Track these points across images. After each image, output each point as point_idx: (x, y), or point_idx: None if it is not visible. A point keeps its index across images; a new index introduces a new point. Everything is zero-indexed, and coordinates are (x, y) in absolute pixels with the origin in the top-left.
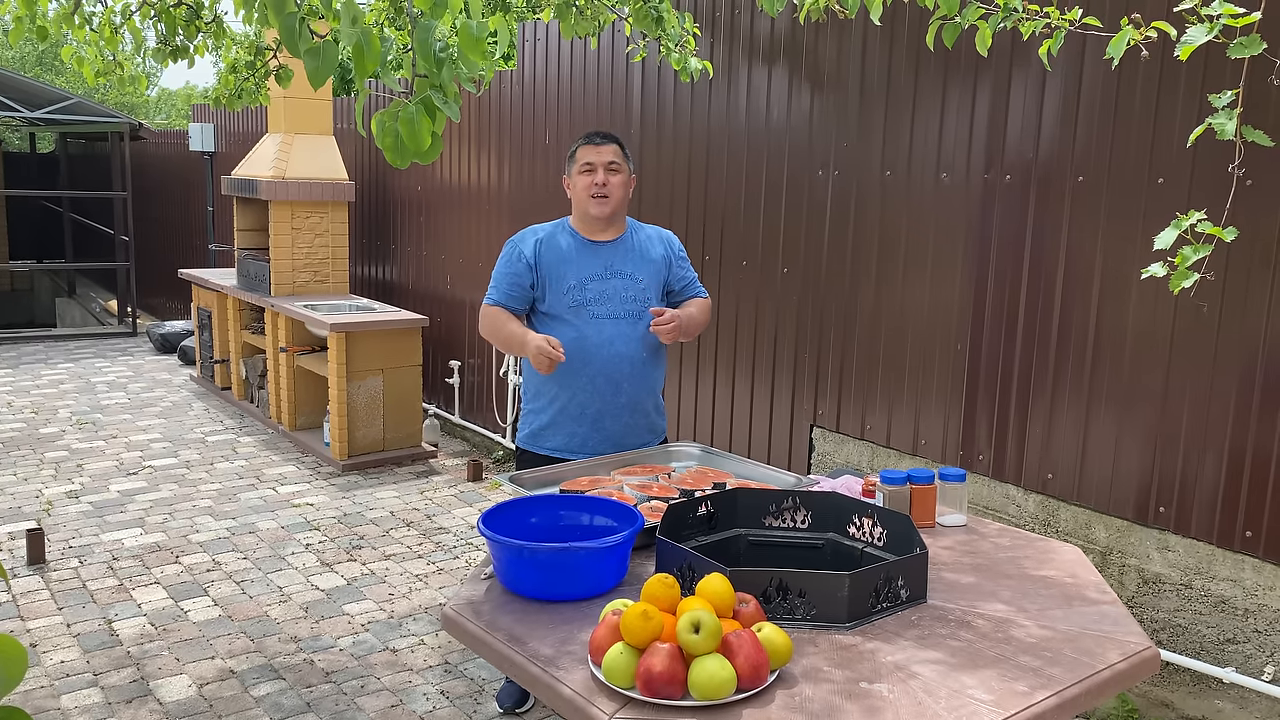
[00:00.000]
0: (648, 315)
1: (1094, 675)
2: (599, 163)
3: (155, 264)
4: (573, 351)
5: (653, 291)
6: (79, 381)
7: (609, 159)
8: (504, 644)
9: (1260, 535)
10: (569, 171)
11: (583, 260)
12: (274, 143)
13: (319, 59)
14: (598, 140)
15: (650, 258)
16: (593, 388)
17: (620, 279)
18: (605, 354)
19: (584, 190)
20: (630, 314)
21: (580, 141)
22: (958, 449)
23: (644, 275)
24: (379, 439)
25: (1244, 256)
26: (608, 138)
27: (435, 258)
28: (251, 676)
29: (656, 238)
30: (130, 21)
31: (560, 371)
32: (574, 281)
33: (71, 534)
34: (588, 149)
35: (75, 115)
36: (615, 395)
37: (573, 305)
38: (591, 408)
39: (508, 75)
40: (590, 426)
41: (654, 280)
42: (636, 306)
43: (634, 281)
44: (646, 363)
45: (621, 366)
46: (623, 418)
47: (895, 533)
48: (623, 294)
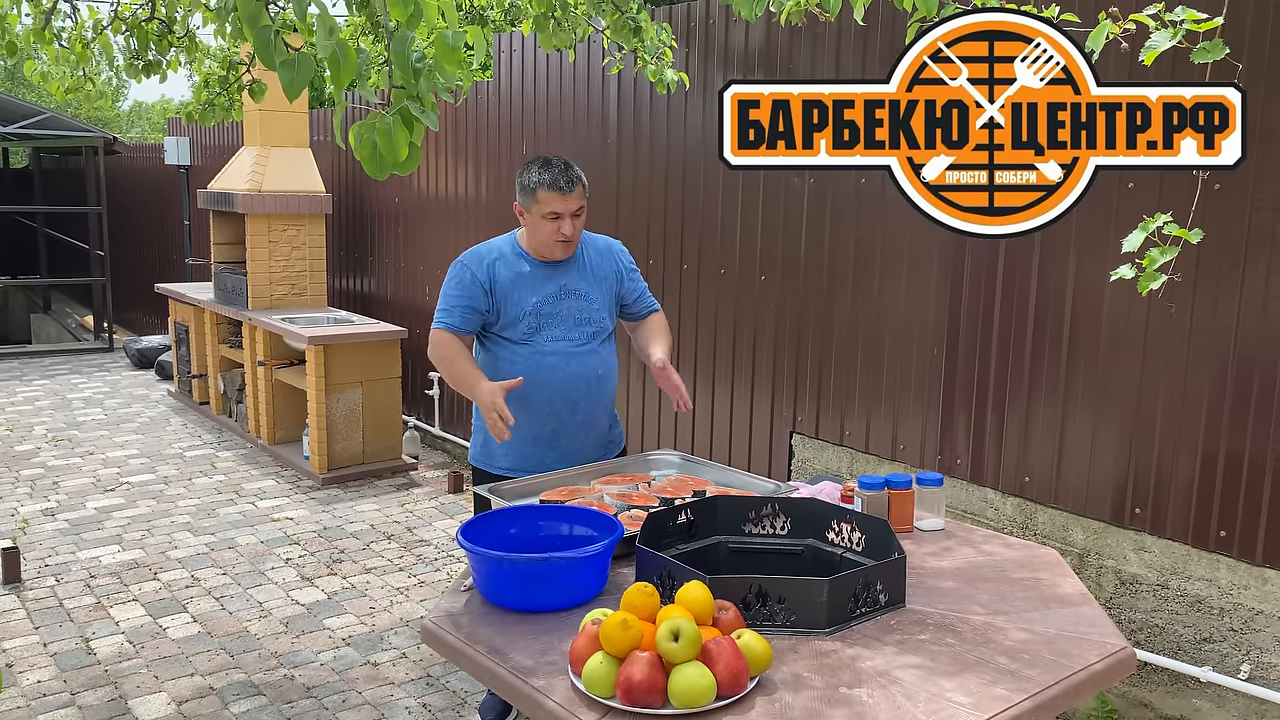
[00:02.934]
0: (600, 333)
1: (1071, 676)
2: (566, 211)
3: (132, 279)
4: (528, 375)
5: (605, 310)
6: (55, 398)
7: (575, 206)
8: (484, 656)
9: (1234, 535)
10: (525, 205)
11: (537, 283)
12: (250, 156)
13: (294, 71)
14: (563, 186)
15: (601, 274)
16: (549, 409)
17: (574, 299)
18: (560, 376)
19: (548, 235)
20: (584, 335)
21: (542, 183)
22: (936, 453)
23: (597, 295)
24: (358, 452)
25: (1214, 259)
26: (571, 179)
27: (413, 269)
28: (231, 693)
29: (605, 252)
30: (102, 36)
31: (516, 395)
32: (529, 306)
33: (48, 552)
34: (553, 196)
35: (48, 130)
36: (571, 415)
37: (528, 330)
38: (548, 428)
39: (485, 86)
40: (546, 446)
41: (605, 297)
42: (590, 327)
43: (587, 302)
44: (601, 380)
45: (577, 386)
46: (578, 435)
47: (874, 538)
48: (576, 315)
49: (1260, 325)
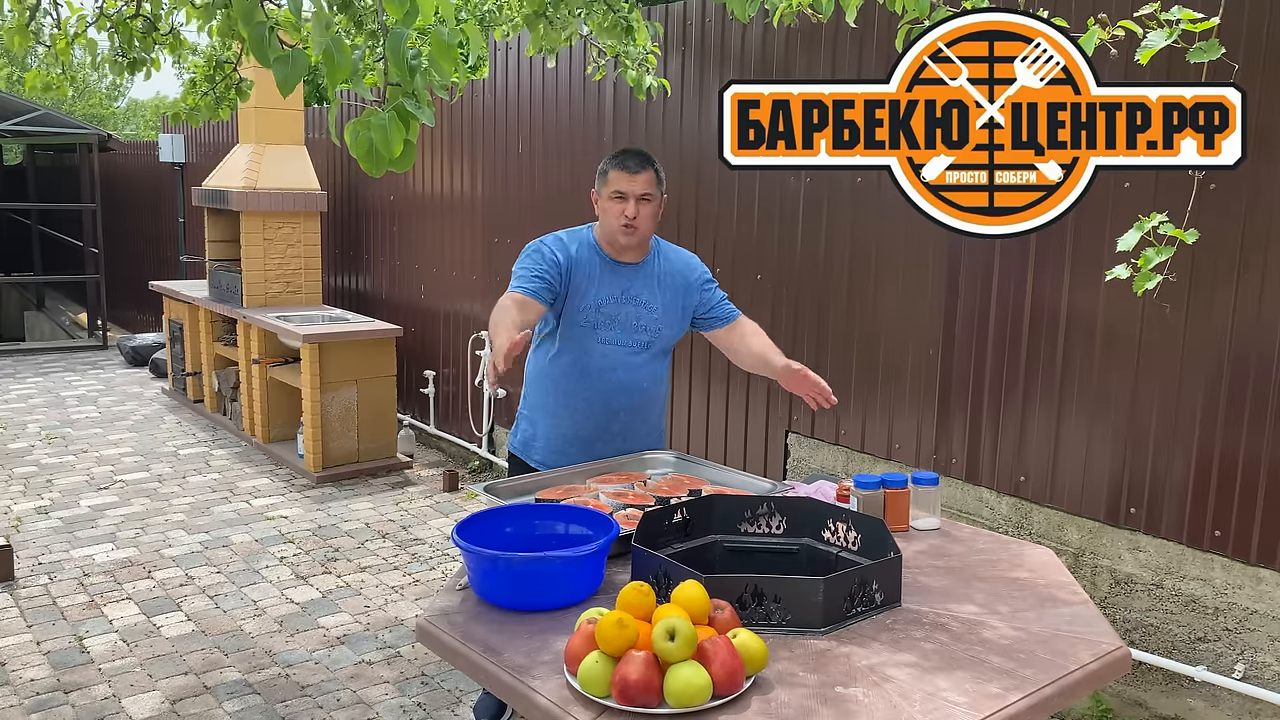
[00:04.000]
0: (655, 346)
1: (1066, 676)
2: (631, 193)
3: (126, 276)
4: (574, 373)
5: (666, 323)
6: (48, 396)
7: (642, 190)
8: (479, 655)
9: (1229, 534)
10: (599, 189)
11: (604, 280)
12: (245, 153)
13: (288, 67)
14: (632, 166)
15: (670, 285)
16: (589, 411)
17: (634, 305)
18: (606, 381)
19: (614, 218)
20: (637, 343)
21: (612, 162)
22: (931, 453)
23: (659, 304)
24: (353, 450)
25: (1209, 259)
26: (643, 161)
27: (409, 267)
28: (224, 691)
29: (681, 263)
30: (82, 36)
31: (559, 390)
32: (592, 302)
33: (41, 550)
34: (620, 175)
35: (42, 127)
36: (610, 423)
37: (583, 325)
38: (585, 431)
39: (480, 85)
40: (581, 449)
41: (671, 310)
42: (645, 336)
43: (648, 310)
44: (645, 394)
45: (619, 395)
46: (614, 444)
47: (869, 537)
48: (634, 321)
49: (1254, 325)
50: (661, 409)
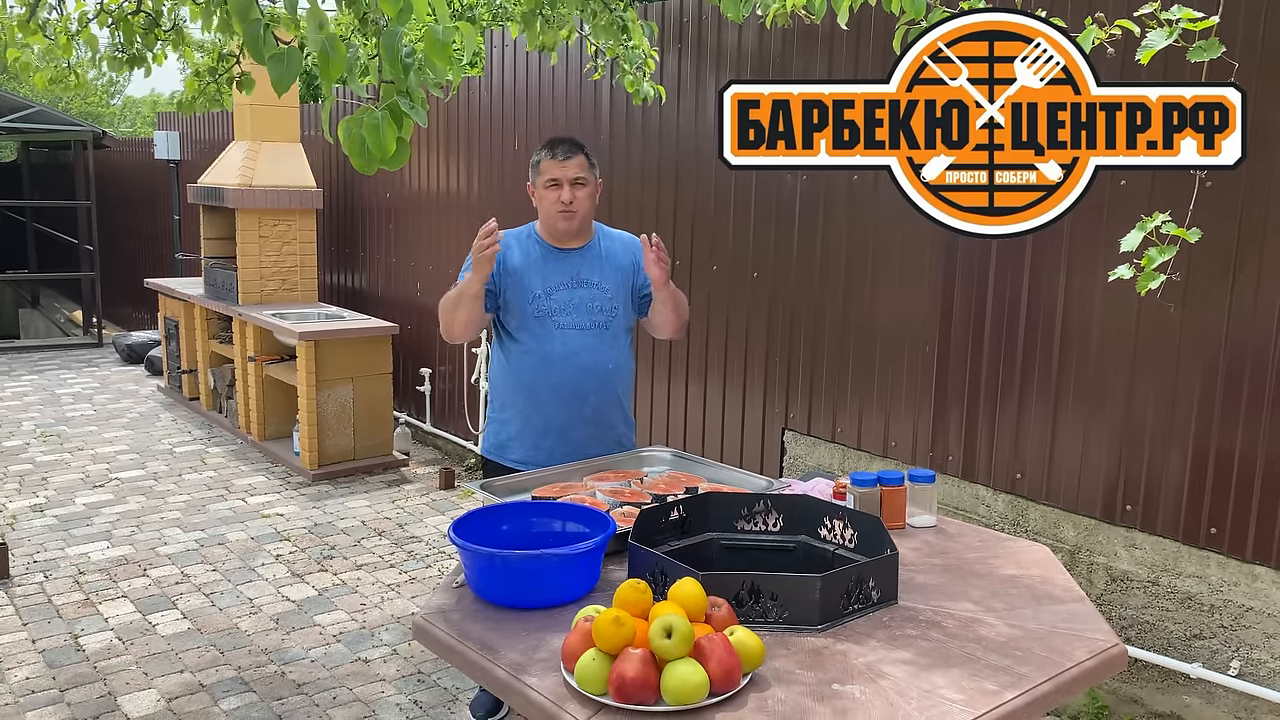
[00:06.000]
0: (613, 325)
1: (1062, 673)
2: (565, 178)
3: (121, 274)
4: (537, 363)
5: (619, 301)
6: (43, 393)
7: (574, 174)
8: (475, 652)
9: (1224, 532)
10: (533, 181)
11: (549, 268)
12: (240, 150)
13: (283, 65)
14: (561, 155)
15: (617, 264)
16: (557, 399)
17: (586, 288)
18: (570, 366)
19: (551, 204)
20: (596, 324)
21: (544, 153)
22: (928, 450)
23: (610, 284)
24: (349, 448)
25: (1205, 257)
26: (573, 148)
27: (405, 265)
28: (221, 689)
29: (625, 244)
30: (85, 31)
31: (525, 383)
32: (539, 290)
33: (36, 548)
34: (552, 164)
35: (37, 124)
36: (581, 407)
37: (537, 315)
38: (557, 420)
39: (476, 82)
40: (556, 439)
41: (620, 288)
42: (603, 317)
43: (600, 291)
44: (612, 374)
45: (587, 379)
46: (588, 429)
47: (866, 534)
48: (589, 304)
49: (1250, 322)
50: (628, 389)
